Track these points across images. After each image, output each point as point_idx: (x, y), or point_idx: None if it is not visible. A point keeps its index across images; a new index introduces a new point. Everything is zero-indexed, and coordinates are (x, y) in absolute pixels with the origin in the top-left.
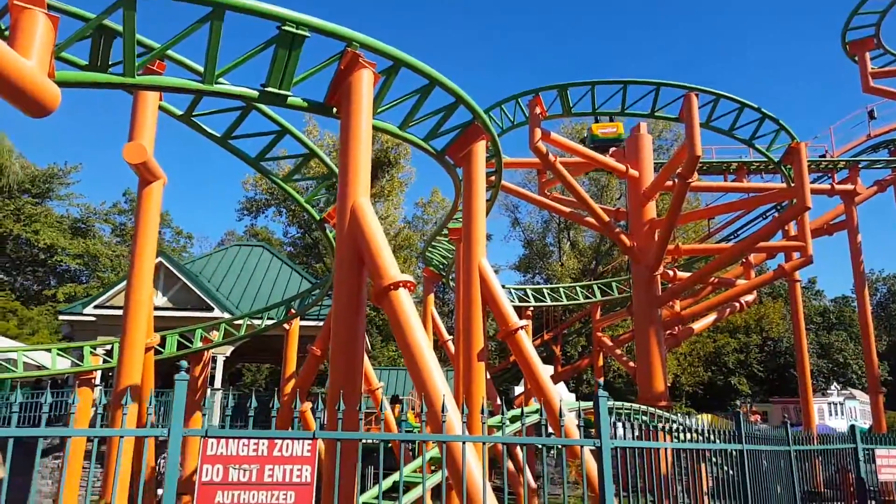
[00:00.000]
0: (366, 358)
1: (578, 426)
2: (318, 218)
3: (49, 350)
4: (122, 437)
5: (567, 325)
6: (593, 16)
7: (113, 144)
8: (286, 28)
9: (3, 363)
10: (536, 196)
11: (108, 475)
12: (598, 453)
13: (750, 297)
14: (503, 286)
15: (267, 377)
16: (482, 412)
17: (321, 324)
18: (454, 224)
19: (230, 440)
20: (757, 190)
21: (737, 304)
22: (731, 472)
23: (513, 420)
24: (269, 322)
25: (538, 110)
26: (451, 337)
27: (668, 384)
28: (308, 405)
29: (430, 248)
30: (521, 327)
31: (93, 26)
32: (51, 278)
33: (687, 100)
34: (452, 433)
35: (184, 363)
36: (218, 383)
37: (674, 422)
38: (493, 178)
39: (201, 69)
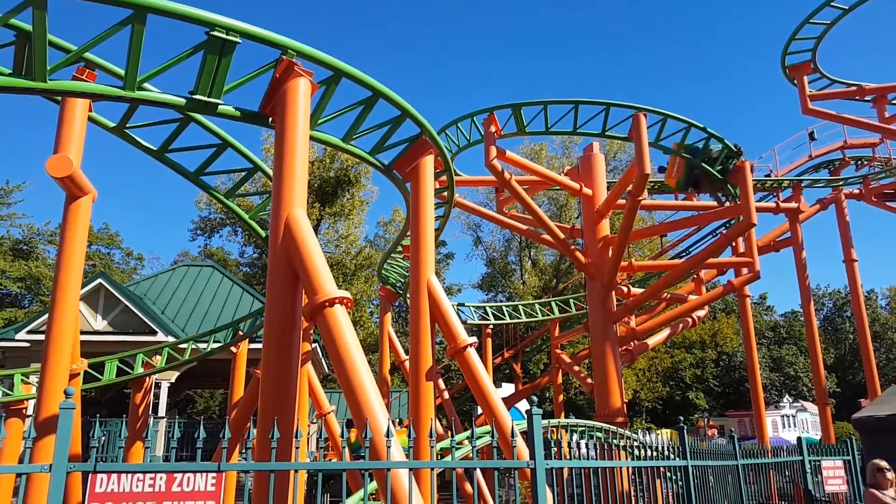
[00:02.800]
0: (317, 380)
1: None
2: (263, 235)
3: None
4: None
5: (527, 343)
6: (554, 34)
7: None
8: (215, 34)
9: None
10: (495, 214)
11: None
12: (533, 475)
13: (702, 313)
14: (464, 304)
15: (220, 403)
16: (430, 435)
17: None
18: (407, 241)
19: (123, 475)
20: (705, 208)
21: (689, 320)
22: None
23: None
24: (216, 345)
25: (493, 128)
26: (409, 357)
27: (628, 400)
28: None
29: (385, 267)
30: (470, 345)
31: (3, 22)
32: None
33: (635, 119)
34: (382, 459)
35: (70, 389)
36: (162, 411)
37: (629, 437)
38: (446, 194)
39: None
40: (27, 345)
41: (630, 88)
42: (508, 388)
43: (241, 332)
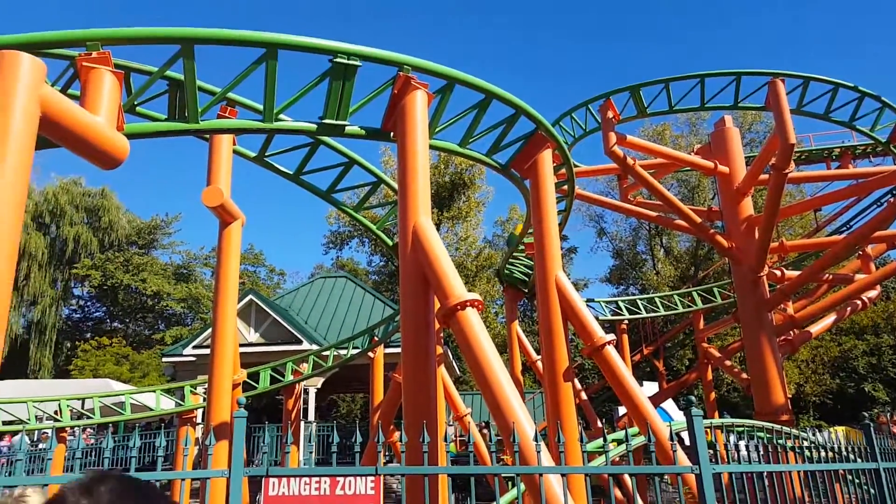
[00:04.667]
0: (451, 382)
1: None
2: (390, 244)
3: (154, 391)
4: (182, 479)
5: (668, 338)
6: (652, 16)
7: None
8: (338, 60)
9: (115, 407)
10: (619, 203)
11: None
12: (699, 481)
13: (873, 293)
14: (593, 300)
15: (361, 407)
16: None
17: None
18: (529, 238)
19: (292, 479)
20: (865, 175)
21: (858, 302)
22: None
23: (617, 445)
24: (355, 351)
25: (610, 114)
26: (540, 357)
27: (790, 395)
28: (397, 435)
29: (508, 266)
30: (608, 342)
31: (155, 79)
32: (159, 323)
33: (772, 86)
34: (532, 464)
35: (242, 398)
36: (311, 416)
37: (799, 437)
38: (566, 188)
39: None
40: (193, 359)
41: (757, 54)
42: (651, 387)
43: (376, 338)
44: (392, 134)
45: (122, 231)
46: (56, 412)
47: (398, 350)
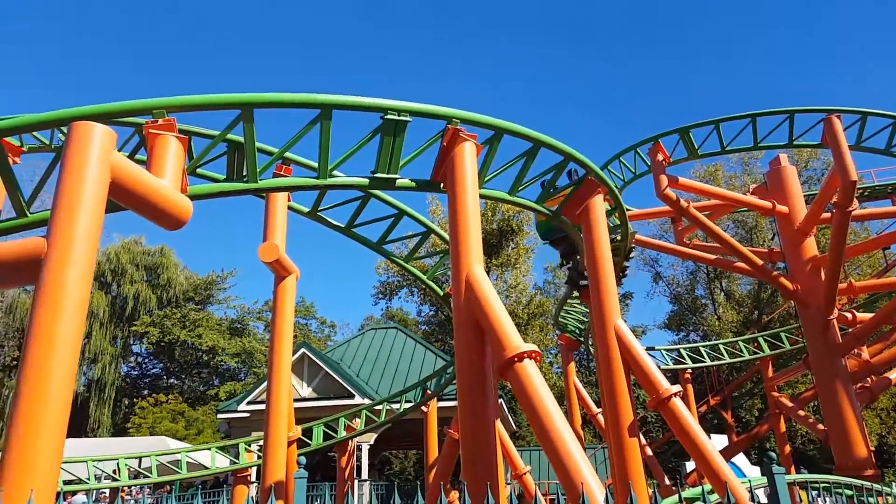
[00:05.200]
0: (507, 438)
1: None
2: (441, 293)
3: (209, 449)
4: None
5: (735, 387)
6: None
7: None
8: (389, 116)
9: (171, 465)
10: (675, 246)
11: None
12: None
13: None
14: (653, 348)
15: (415, 464)
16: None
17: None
18: (583, 284)
19: None
20: None
21: None
22: None
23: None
24: (407, 405)
25: (660, 157)
26: (601, 410)
27: (872, 447)
28: (455, 495)
29: (562, 314)
30: (675, 394)
31: (217, 142)
32: (214, 378)
33: (828, 123)
34: None
35: (302, 459)
36: (365, 473)
37: (892, 495)
38: (619, 232)
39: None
40: (248, 415)
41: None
42: (719, 440)
43: (429, 391)
44: (442, 185)
45: (179, 287)
46: (115, 471)
47: (452, 404)
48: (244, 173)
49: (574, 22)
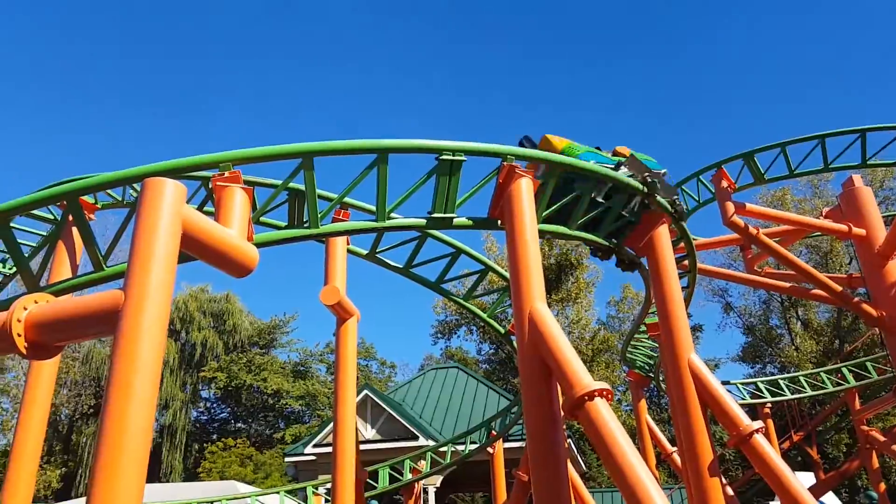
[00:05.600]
0: (579, 480)
1: None
2: (502, 332)
3: (278, 493)
4: None
5: (819, 421)
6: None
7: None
8: (444, 157)
9: None
10: (745, 275)
11: None
12: None
13: None
14: (727, 382)
15: None
16: None
17: (525, 444)
18: (651, 318)
19: None
20: None
21: None
22: None
23: None
24: (473, 447)
25: (725, 184)
26: (676, 448)
27: None
28: None
29: (629, 349)
30: (757, 430)
31: (280, 191)
32: (279, 421)
33: None
34: None
35: (374, 503)
36: None
37: None
38: (686, 262)
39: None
40: (314, 458)
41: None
42: (806, 478)
43: (494, 432)
44: (500, 221)
45: (244, 332)
46: None
47: (518, 445)
48: (305, 220)
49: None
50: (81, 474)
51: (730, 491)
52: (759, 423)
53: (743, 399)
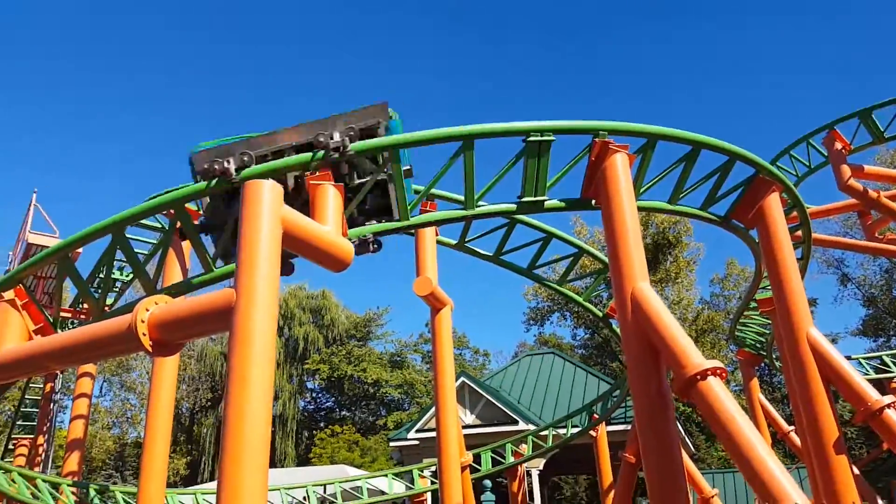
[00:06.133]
0: (690, 461)
1: None
2: (600, 315)
3: (386, 476)
4: None
5: None
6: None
7: (408, 282)
8: (531, 139)
9: (352, 491)
10: (866, 243)
11: None
12: None
13: None
14: (848, 357)
15: (586, 489)
16: None
17: (629, 427)
18: (762, 294)
19: None
20: None
21: None
22: None
23: None
24: (574, 430)
25: (838, 146)
26: (793, 427)
27: None
28: None
29: (739, 327)
30: (888, 405)
31: (369, 185)
32: (380, 409)
33: None
34: None
35: (487, 483)
36: (537, 499)
37: None
38: (799, 232)
39: (462, 198)
40: (417, 443)
41: None
42: None
43: (595, 416)
44: (594, 201)
45: (341, 326)
46: (304, 498)
47: (622, 427)
48: (394, 213)
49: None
50: (204, 462)
51: (855, 470)
52: (889, 398)
53: (867, 374)
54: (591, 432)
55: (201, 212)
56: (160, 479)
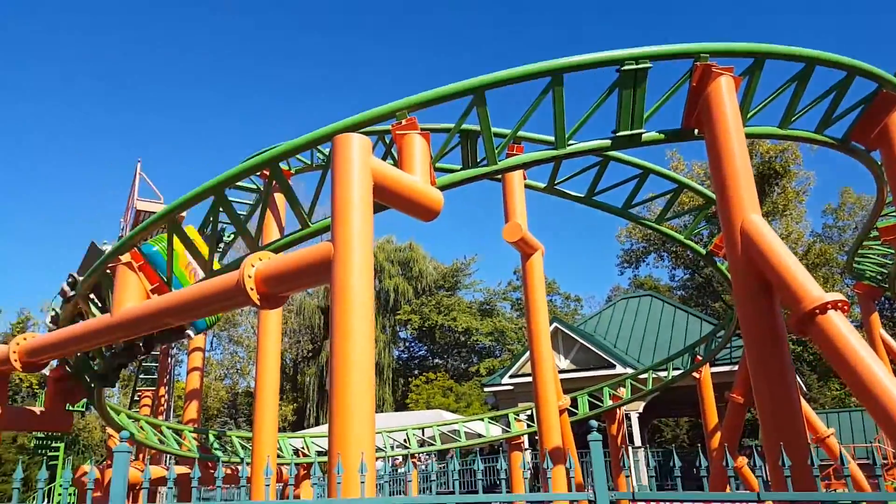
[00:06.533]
0: (803, 401)
1: None
2: (703, 252)
3: (482, 419)
4: (550, 501)
5: None
6: None
7: (493, 231)
8: (626, 67)
9: (450, 434)
10: None
11: None
12: None
13: None
14: None
15: (687, 431)
16: None
17: (736, 367)
18: (885, 221)
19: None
20: None
21: None
22: None
23: None
24: (675, 372)
25: None
26: None
27: None
28: (743, 461)
29: (857, 258)
30: None
31: (455, 131)
32: (472, 356)
33: None
34: None
35: (593, 423)
36: (637, 441)
37: None
38: None
39: (552, 138)
40: (511, 388)
41: None
42: None
43: (699, 357)
44: (696, 131)
45: (430, 278)
46: (405, 440)
47: (727, 368)
48: (478, 159)
49: None
50: (309, 408)
51: None
52: None
53: None
54: (694, 374)
55: (293, 171)
56: (272, 425)
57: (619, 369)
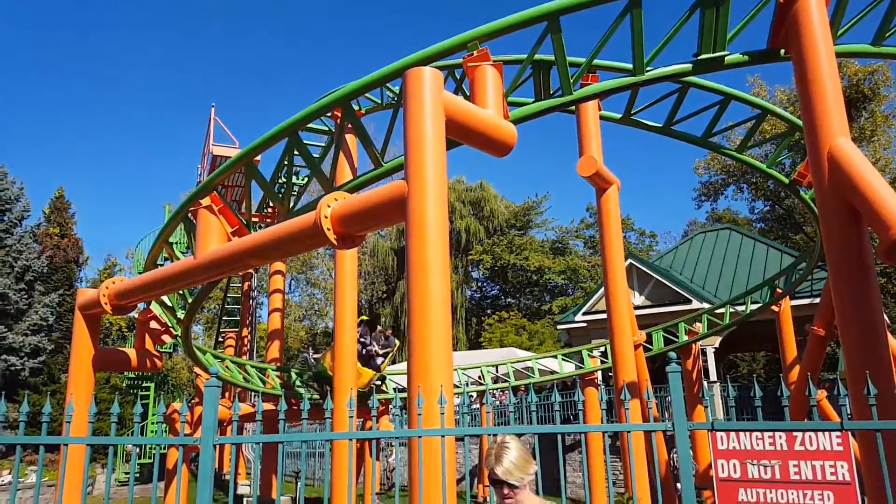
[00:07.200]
0: (889, 335)
1: None
2: (786, 181)
3: (555, 356)
4: (629, 431)
5: None
6: None
7: (566, 166)
8: None
9: (524, 370)
10: None
11: (626, 469)
12: None
13: None
14: None
15: (764, 366)
16: None
17: (817, 300)
18: None
19: (741, 433)
20: None
21: None
22: None
23: None
24: (754, 306)
25: None
26: None
27: None
28: (823, 393)
29: None
30: None
31: (529, 61)
32: (545, 295)
33: None
34: None
35: (672, 355)
36: (713, 376)
37: None
38: None
39: (629, 66)
40: (584, 325)
41: None
42: None
43: (779, 290)
44: (782, 51)
45: (501, 217)
46: (479, 377)
47: (807, 301)
48: (551, 90)
49: None
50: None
51: None
52: None
53: None
54: (773, 307)
55: (363, 111)
56: (351, 361)
57: (696, 304)
